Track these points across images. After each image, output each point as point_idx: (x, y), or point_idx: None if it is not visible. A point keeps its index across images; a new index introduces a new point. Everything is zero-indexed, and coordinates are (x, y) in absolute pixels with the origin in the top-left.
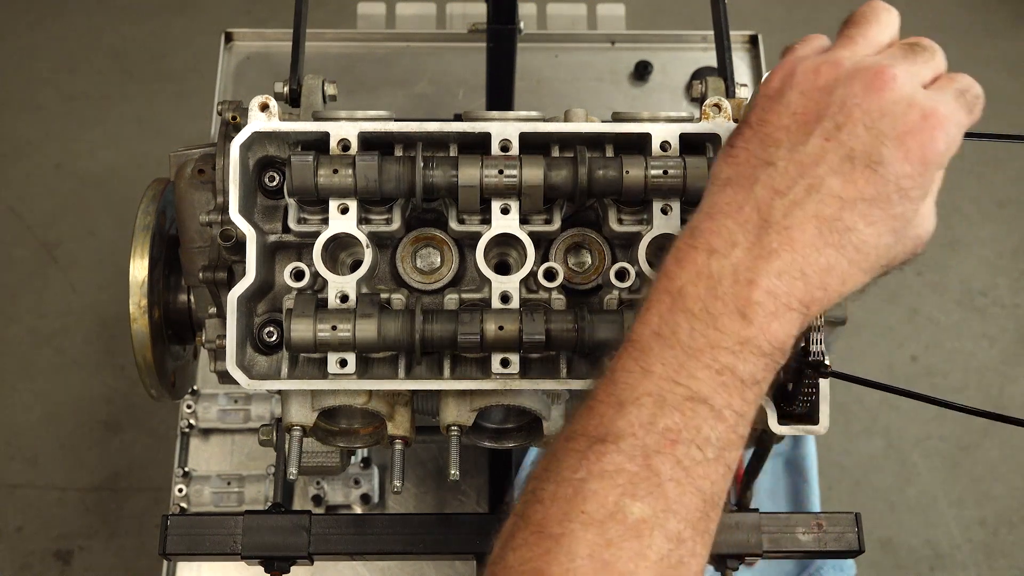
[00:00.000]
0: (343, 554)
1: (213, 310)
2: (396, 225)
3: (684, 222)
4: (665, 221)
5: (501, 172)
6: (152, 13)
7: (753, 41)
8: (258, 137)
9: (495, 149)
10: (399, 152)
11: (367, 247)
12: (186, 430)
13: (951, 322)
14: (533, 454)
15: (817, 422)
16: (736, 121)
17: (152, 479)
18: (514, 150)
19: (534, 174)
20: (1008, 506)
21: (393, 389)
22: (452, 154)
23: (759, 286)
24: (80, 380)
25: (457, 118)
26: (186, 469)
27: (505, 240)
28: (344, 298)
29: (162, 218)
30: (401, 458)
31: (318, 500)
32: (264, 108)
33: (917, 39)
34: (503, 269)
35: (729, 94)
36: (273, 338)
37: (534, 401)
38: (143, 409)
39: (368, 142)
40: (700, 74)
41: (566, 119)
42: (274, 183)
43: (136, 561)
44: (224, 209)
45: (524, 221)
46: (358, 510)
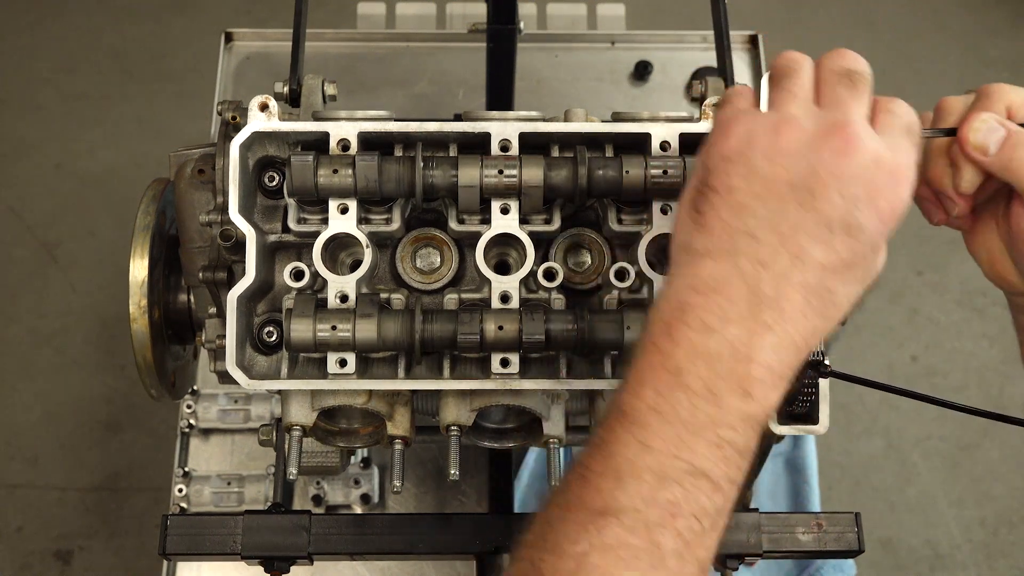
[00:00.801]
0: (343, 554)
1: (213, 310)
2: (396, 225)
3: None
4: (665, 221)
5: (501, 172)
6: (152, 13)
7: (753, 41)
8: (258, 137)
9: (495, 149)
10: (399, 152)
11: (367, 247)
12: (186, 430)
13: (951, 322)
14: (533, 454)
15: (817, 422)
16: None
17: (152, 479)
18: (514, 150)
19: (534, 174)
20: (1008, 506)
21: (393, 389)
22: (452, 154)
23: (759, 363)
24: (80, 380)
25: (457, 118)
26: (186, 469)
27: (505, 240)
28: (344, 298)
29: (162, 218)
30: (401, 458)
31: (318, 500)
32: (264, 108)
33: (844, 62)
34: (503, 269)
35: None
36: (273, 338)
37: (534, 401)
38: (143, 409)
39: (368, 142)
40: (700, 74)
41: (566, 119)
42: (274, 183)
43: (136, 561)
44: (224, 209)
45: (524, 221)
46: (358, 510)
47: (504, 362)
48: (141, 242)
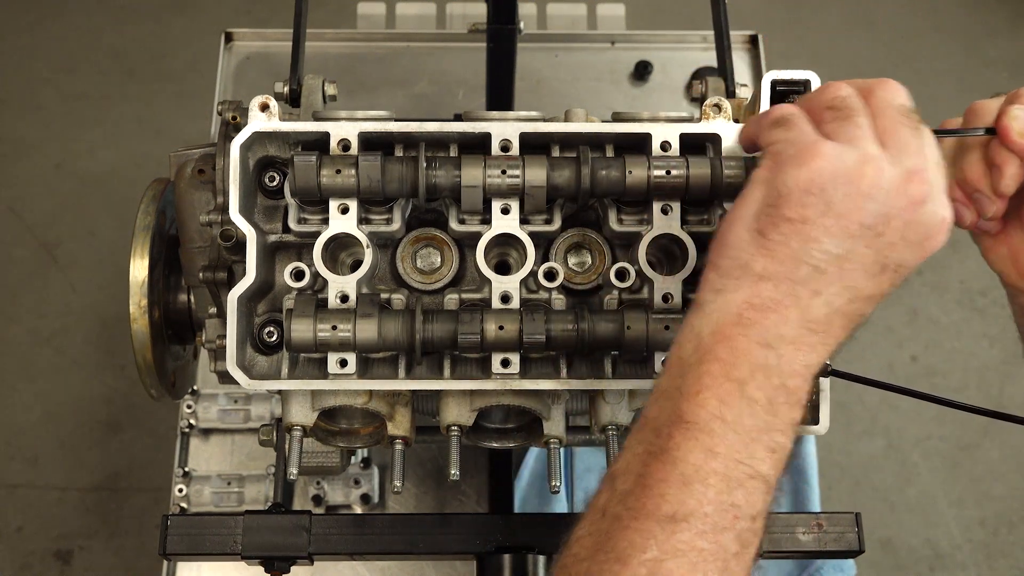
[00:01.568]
0: (343, 554)
1: (213, 310)
2: (396, 225)
3: (684, 222)
4: (665, 221)
5: (504, 172)
6: (152, 13)
7: (753, 41)
8: (258, 137)
9: (495, 149)
10: (399, 152)
11: (367, 247)
12: (186, 430)
13: (951, 322)
14: (533, 454)
15: (817, 422)
16: (737, 121)
17: (152, 479)
18: (514, 150)
19: (537, 174)
20: (1008, 506)
21: (393, 389)
22: (452, 154)
23: (804, 377)
24: (80, 380)
25: (457, 118)
26: (186, 469)
27: (505, 240)
28: (344, 298)
29: (162, 218)
30: (401, 458)
31: (318, 500)
32: (264, 108)
33: (900, 99)
34: (503, 269)
35: (729, 94)
36: (273, 338)
37: (534, 401)
38: (143, 409)
39: (368, 142)
40: (700, 74)
41: (566, 119)
42: (274, 183)
43: (136, 561)
44: (224, 209)
45: (524, 221)
46: (358, 510)
47: (505, 362)
48: (141, 242)
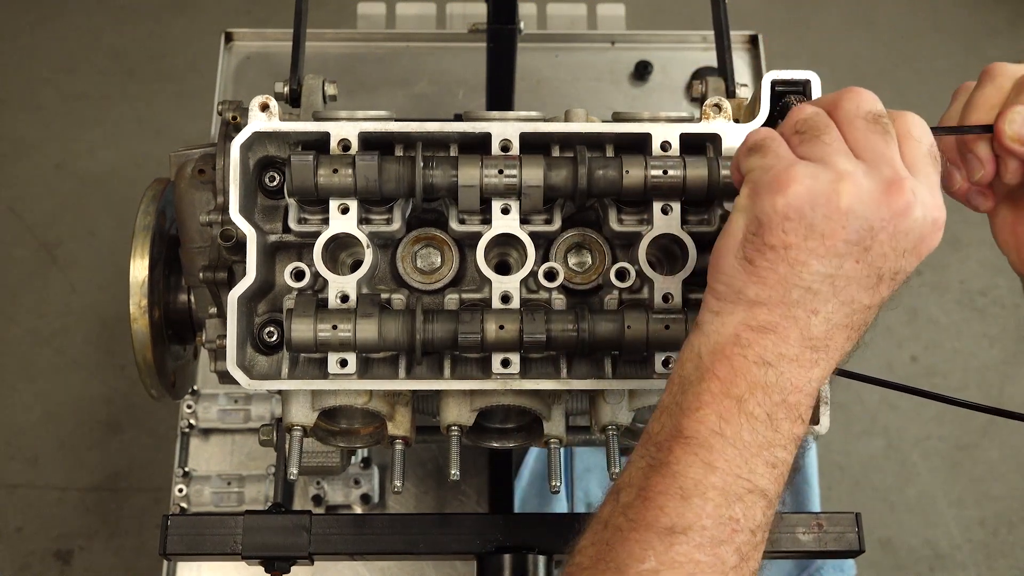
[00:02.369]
0: (343, 554)
1: (213, 310)
2: (396, 225)
3: (684, 222)
4: (665, 221)
5: (501, 172)
6: (152, 13)
7: (753, 41)
8: (258, 137)
9: (495, 149)
10: (399, 152)
11: (367, 247)
12: (186, 430)
13: (951, 322)
14: (533, 454)
15: (817, 422)
16: (737, 121)
17: (152, 479)
18: (514, 150)
19: (534, 174)
20: (1008, 506)
21: (393, 389)
22: (452, 154)
23: (809, 393)
24: (80, 380)
25: (457, 118)
26: (186, 469)
27: (505, 240)
28: (344, 298)
29: (162, 218)
30: (401, 458)
31: (318, 500)
32: (264, 108)
33: (866, 105)
34: (503, 269)
35: (729, 94)
36: (273, 338)
37: (534, 401)
38: (143, 409)
39: (368, 142)
40: (700, 74)
41: (566, 119)
42: (274, 183)
43: (136, 561)
44: (224, 209)
45: (524, 221)
46: (358, 510)
47: (505, 362)
48: (141, 242)
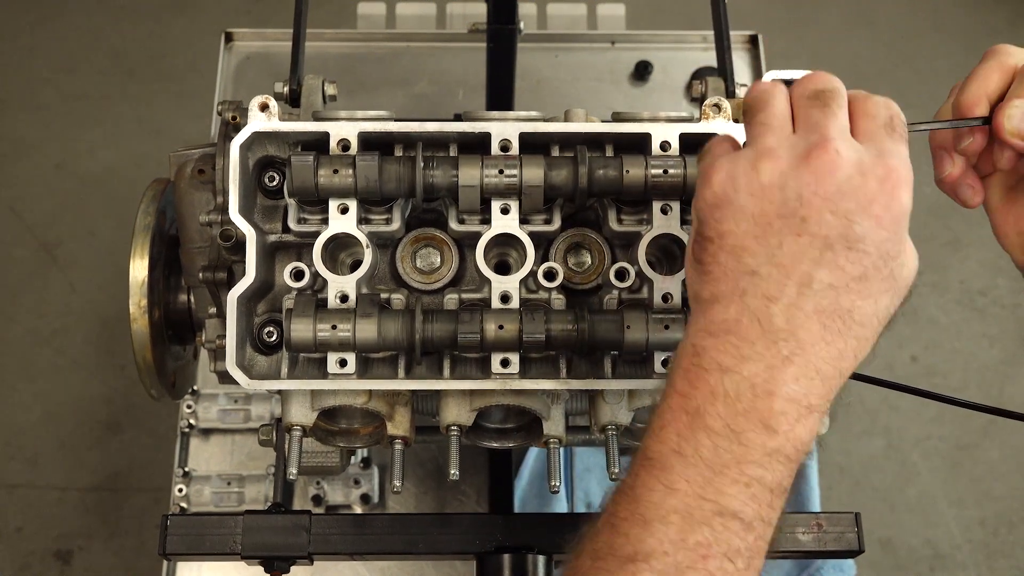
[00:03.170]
0: (343, 554)
1: (213, 310)
2: (396, 225)
3: (684, 222)
4: (665, 221)
5: (501, 172)
6: (152, 13)
7: (753, 41)
8: (258, 137)
9: (495, 149)
10: (399, 152)
11: (367, 247)
12: (186, 430)
13: (951, 322)
14: (533, 454)
15: None
16: (737, 121)
17: (152, 479)
18: (514, 150)
19: (534, 174)
20: (1008, 506)
21: (393, 389)
22: (452, 154)
23: (779, 396)
24: (80, 380)
25: (457, 118)
26: (186, 469)
27: (505, 240)
28: (344, 298)
29: (162, 218)
30: (401, 458)
31: (318, 500)
32: (264, 108)
33: (812, 85)
34: (503, 269)
35: (729, 94)
36: (273, 338)
37: (534, 401)
38: (143, 409)
39: (368, 142)
40: (700, 74)
41: (566, 119)
42: (274, 183)
43: (136, 561)
44: (224, 209)
45: (524, 221)
46: (358, 510)
47: (504, 362)
48: (141, 242)
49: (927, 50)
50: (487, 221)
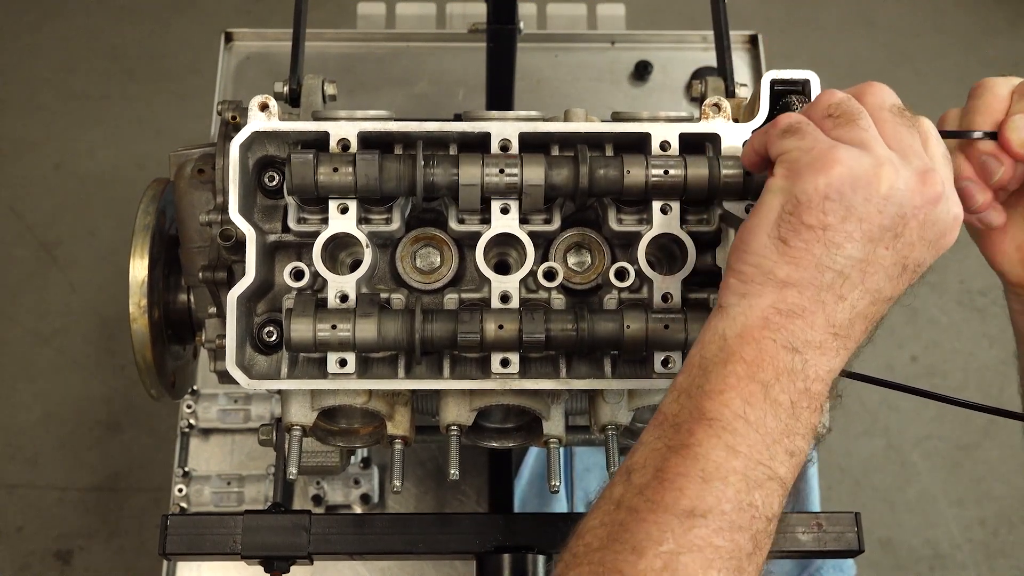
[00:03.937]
0: (343, 554)
1: (213, 310)
2: (396, 225)
3: (683, 222)
4: (665, 221)
5: (502, 171)
6: (152, 13)
7: (753, 41)
8: (258, 137)
9: (495, 149)
10: (399, 152)
11: (367, 247)
12: (186, 430)
13: (951, 322)
14: (533, 454)
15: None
16: (736, 120)
17: (152, 479)
18: (514, 150)
19: (535, 173)
20: (1008, 506)
21: (393, 389)
22: (452, 153)
23: (828, 383)
24: (80, 380)
25: (457, 118)
26: (186, 469)
27: (505, 240)
28: (344, 298)
29: (162, 218)
30: (401, 458)
31: (318, 500)
32: (264, 108)
33: (891, 99)
34: (503, 269)
35: (729, 94)
36: (273, 338)
37: (534, 401)
38: (143, 409)
39: (368, 142)
40: (700, 74)
41: (566, 119)
42: (274, 183)
43: (136, 561)
44: (224, 209)
45: (524, 221)
46: (358, 510)
47: (504, 362)
48: (141, 242)
49: (927, 50)
50: (487, 221)
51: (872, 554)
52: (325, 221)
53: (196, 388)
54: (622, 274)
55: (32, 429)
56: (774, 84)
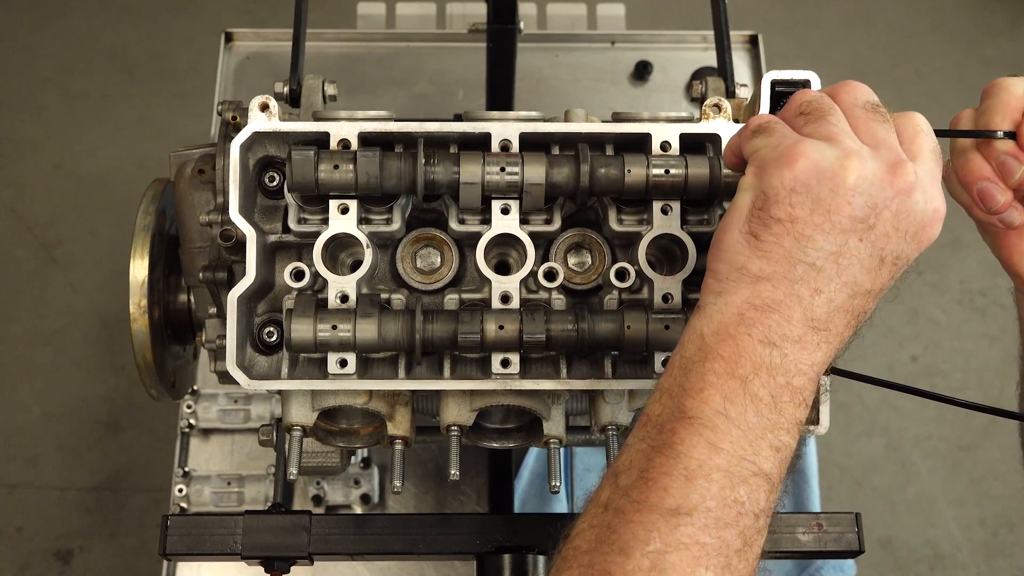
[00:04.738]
0: (343, 554)
1: (213, 310)
2: (396, 225)
3: (684, 222)
4: (665, 221)
5: (503, 169)
6: (152, 13)
7: (753, 41)
8: (258, 137)
9: (495, 149)
10: (399, 151)
11: (367, 247)
12: (186, 430)
13: (951, 322)
14: (533, 454)
15: (817, 422)
16: (737, 121)
17: (152, 479)
18: (514, 150)
19: (537, 171)
20: (1008, 506)
21: (393, 389)
22: (453, 152)
23: (812, 378)
24: (80, 380)
25: (457, 118)
26: (186, 469)
27: (505, 240)
28: (344, 298)
29: (162, 218)
30: (401, 458)
31: (318, 500)
32: (264, 108)
33: (865, 96)
34: (503, 269)
35: (729, 94)
36: (273, 338)
37: (534, 401)
38: (143, 409)
39: (368, 142)
40: (700, 74)
41: (566, 119)
42: (274, 183)
43: (136, 561)
44: (224, 209)
45: (524, 221)
46: (358, 510)
47: (505, 362)
48: (141, 242)
49: (927, 50)
50: (487, 221)
51: (872, 554)
52: (325, 221)
53: (196, 388)
54: (622, 274)
55: (32, 429)
56: (774, 84)
